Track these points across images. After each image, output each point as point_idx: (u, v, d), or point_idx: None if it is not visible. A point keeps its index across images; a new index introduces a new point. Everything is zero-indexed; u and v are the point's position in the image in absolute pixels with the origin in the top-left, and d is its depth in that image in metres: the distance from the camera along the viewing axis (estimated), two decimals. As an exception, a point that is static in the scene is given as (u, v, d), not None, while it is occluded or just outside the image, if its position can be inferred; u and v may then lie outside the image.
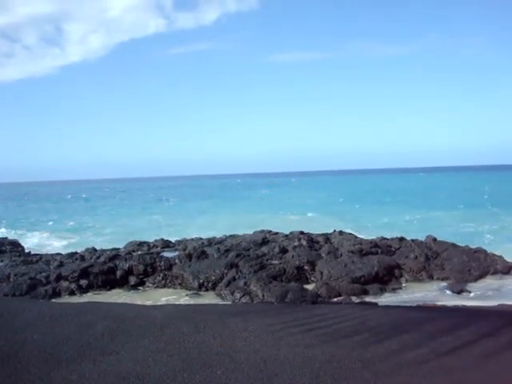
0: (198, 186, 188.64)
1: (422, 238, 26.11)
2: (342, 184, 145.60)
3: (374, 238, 26.99)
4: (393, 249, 24.64)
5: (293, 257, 23.21)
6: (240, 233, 31.24)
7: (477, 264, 22.39)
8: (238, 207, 70.14)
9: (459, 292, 19.22)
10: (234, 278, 20.48)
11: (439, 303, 16.97)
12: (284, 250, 24.67)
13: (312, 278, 21.58)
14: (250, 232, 31.12)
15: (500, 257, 23.39)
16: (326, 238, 27.44)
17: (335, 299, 18.27)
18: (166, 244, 28.88)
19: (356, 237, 27.67)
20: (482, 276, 21.78)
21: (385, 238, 26.76)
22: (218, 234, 31.68)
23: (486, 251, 24.06)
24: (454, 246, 24.97)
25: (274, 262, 22.86)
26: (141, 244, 28.54)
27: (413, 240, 25.68)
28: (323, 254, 23.78)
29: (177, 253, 25.29)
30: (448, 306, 16.18)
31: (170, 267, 22.61)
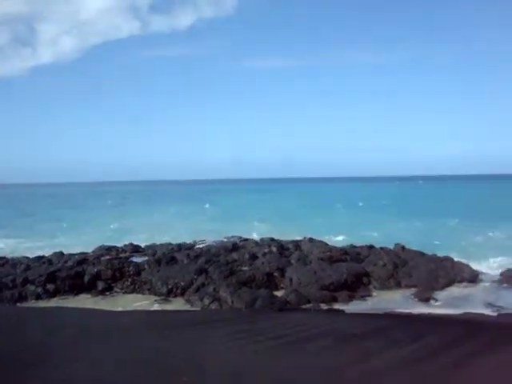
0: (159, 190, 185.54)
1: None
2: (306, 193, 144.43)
3: (344, 245, 27.15)
4: (362, 256, 24.83)
5: (263, 263, 23.22)
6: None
7: (444, 272, 22.63)
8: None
9: (426, 300, 19.40)
10: (203, 284, 20.40)
11: (406, 311, 17.12)
12: (254, 257, 24.68)
13: (281, 285, 21.55)
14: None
15: (467, 265, 23.69)
16: (297, 244, 27.53)
17: (304, 306, 18.30)
18: (135, 249, 28.70)
19: (326, 244, 27.82)
20: (448, 284, 21.99)
21: (354, 246, 26.95)
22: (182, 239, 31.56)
23: (453, 260, 24.34)
24: (421, 254, 25.26)
25: (243, 268, 22.84)
26: (109, 249, 28.27)
27: (382, 248, 25.92)
28: (293, 261, 23.83)
29: (146, 258, 25.13)
30: (414, 314, 16.33)
31: (138, 272, 22.41)
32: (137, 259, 24.88)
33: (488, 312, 16.88)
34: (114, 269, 22.23)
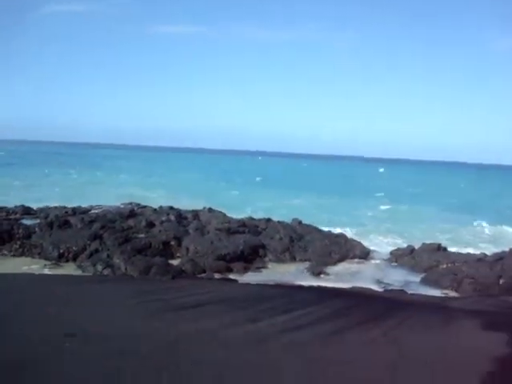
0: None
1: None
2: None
3: (242, 217, 27.24)
4: (259, 229, 25.04)
5: (160, 231, 22.89)
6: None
7: (337, 248, 23.30)
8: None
9: (318, 274, 19.87)
10: (96, 250, 19.80)
11: (297, 283, 17.43)
12: (151, 224, 24.27)
13: (178, 254, 21.34)
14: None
15: (359, 243, 24.50)
16: (195, 214, 27.34)
17: (199, 276, 18.19)
18: (27, 211, 27.42)
19: (225, 215, 27.82)
20: (341, 260, 22.68)
21: (252, 218, 27.12)
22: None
23: (346, 237, 25.13)
24: (317, 230, 25.87)
25: (140, 235, 22.37)
26: (-1, 209, 26.78)
27: (279, 222, 26.26)
28: (191, 231, 23.66)
29: (38, 221, 24.01)
30: (304, 286, 16.64)
31: (28, 235, 21.33)
32: (27, 222, 23.69)
33: (375, 287, 17.54)
34: (1, 231, 20.99)
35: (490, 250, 25.36)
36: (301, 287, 16.33)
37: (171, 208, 28.46)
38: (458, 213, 42.64)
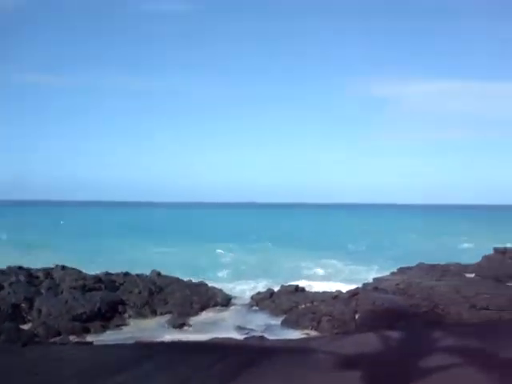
0: None
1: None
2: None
3: (98, 273, 26.19)
4: (117, 284, 24.21)
5: (8, 294, 21.29)
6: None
7: (198, 297, 23.17)
8: None
9: (180, 326, 19.58)
10: None
11: (159, 339, 16.95)
12: (-1, 287, 22.59)
13: (29, 317, 19.98)
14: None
15: (220, 290, 24.57)
16: (47, 273, 25.84)
17: (53, 339, 17.12)
18: None
19: (80, 272, 26.59)
20: (202, 309, 22.59)
21: (109, 273, 26.18)
22: None
23: (207, 285, 25.09)
24: (178, 280, 25.56)
25: (-14, 300, 20.66)
26: None
27: (137, 275, 25.61)
28: (43, 291, 22.31)
29: None
30: (165, 342, 16.17)
31: None
32: None
33: (236, 335, 17.55)
34: None
35: (345, 287, 26.54)
36: (162, 344, 15.85)
37: (20, 268, 26.68)
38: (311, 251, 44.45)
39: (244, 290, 27.12)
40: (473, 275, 31.24)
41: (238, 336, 17.45)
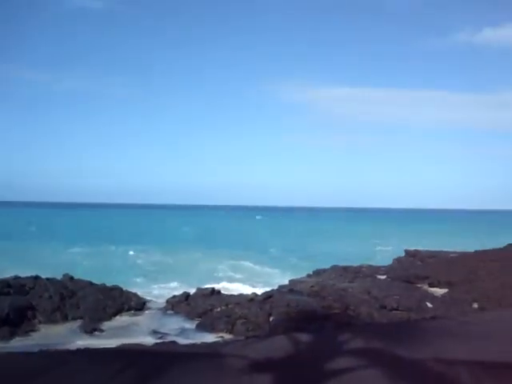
0: None
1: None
2: None
3: (6, 276, 25.16)
4: (27, 288, 23.32)
5: None
6: None
7: (112, 302, 22.73)
8: None
9: (92, 331, 19.16)
10: None
11: (70, 345, 16.46)
12: None
13: None
14: None
15: (135, 294, 24.22)
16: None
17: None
18: None
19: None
20: (116, 313, 22.18)
21: (18, 277, 25.18)
22: None
23: (121, 289, 24.64)
24: (91, 284, 24.94)
25: None
26: None
27: (48, 279, 24.75)
28: None
29: None
30: (71, 350, 15.65)
31: None
32: None
33: (149, 340, 17.34)
34: None
35: (260, 290, 26.84)
36: (68, 351, 15.32)
37: None
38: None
39: (159, 293, 26.92)
40: (384, 277, 32.44)
41: (152, 340, 17.26)
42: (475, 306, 22.89)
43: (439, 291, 26.52)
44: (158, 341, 17.39)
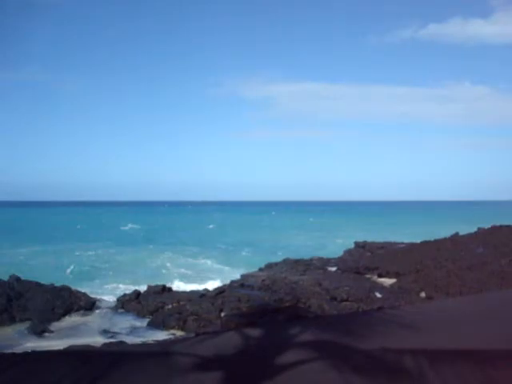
0: None
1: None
2: None
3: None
4: (-29, 290, 22.73)
5: None
6: None
7: (61, 302, 22.33)
8: None
9: (41, 333, 18.79)
10: None
11: (18, 347, 16.15)
12: None
13: None
14: None
15: (84, 294, 23.86)
16: None
17: None
18: None
19: None
20: (65, 314, 21.81)
21: (-38, 279, 24.53)
22: None
23: (70, 289, 24.21)
24: (38, 285, 24.41)
25: None
26: None
27: (-7, 280, 24.17)
28: None
29: None
30: (17, 353, 15.29)
31: None
32: None
33: (99, 339, 17.14)
34: None
35: (212, 285, 26.88)
36: (15, 355, 14.93)
37: None
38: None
39: (110, 292, 26.60)
40: (335, 268, 32.93)
41: (102, 340, 17.05)
42: (423, 294, 23.47)
43: (388, 281, 27.03)
44: (108, 340, 17.18)
